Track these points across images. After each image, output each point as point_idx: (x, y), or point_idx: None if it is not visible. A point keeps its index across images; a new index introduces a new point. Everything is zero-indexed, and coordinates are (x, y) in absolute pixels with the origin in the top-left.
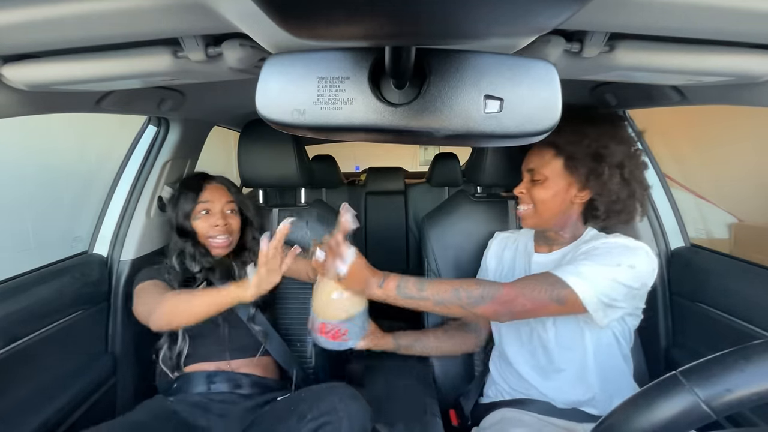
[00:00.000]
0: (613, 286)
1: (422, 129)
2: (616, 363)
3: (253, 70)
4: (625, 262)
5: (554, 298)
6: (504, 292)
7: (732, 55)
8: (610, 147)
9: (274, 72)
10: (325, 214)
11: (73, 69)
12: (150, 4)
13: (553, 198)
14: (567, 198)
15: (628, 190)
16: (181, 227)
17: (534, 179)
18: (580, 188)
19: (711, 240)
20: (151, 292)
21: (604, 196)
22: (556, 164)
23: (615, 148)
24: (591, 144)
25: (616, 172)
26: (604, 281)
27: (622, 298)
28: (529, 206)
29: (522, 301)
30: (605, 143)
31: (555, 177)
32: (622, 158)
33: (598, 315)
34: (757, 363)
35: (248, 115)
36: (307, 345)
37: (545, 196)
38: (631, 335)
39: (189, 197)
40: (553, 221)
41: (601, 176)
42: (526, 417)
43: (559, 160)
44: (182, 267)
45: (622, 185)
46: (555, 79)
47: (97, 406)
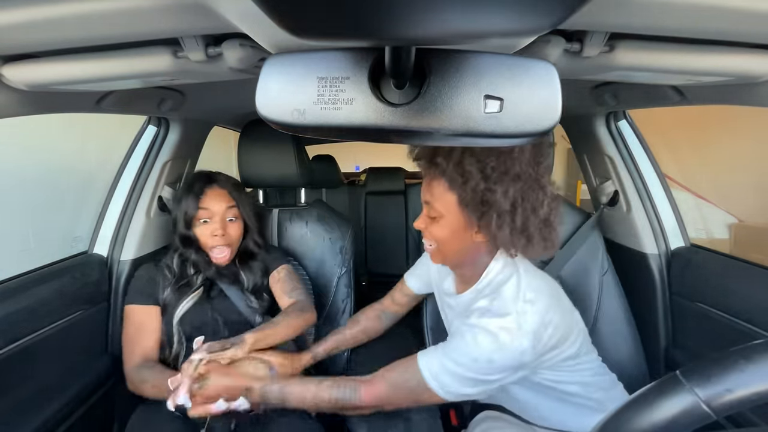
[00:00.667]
0: (474, 382)
1: (422, 129)
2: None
3: (253, 70)
4: (483, 357)
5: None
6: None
7: (732, 55)
8: (497, 192)
9: (274, 72)
10: (325, 214)
11: (73, 69)
12: (150, 4)
13: (452, 237)
14: (467, 236)
15: (524, 236)
16: (184, 235)
17: (430, 215)
18: (476, 230)
19: (711, 240)
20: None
21: (497, 244)
22: (449, 200)
23: (503, 192)
24: (477, 185)
25: (506, 219)
26: (464, 380)
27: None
28: (433, 244)
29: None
30: (491, 186)
31: (451, 214)
32: (513, 202)
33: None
34: (757, 363)
35: (248, 115)
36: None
37: (443, 235)
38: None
39: (190, 203)
40: (460, 260)
41: (490, 225)
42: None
43: (453, 194)
44: (181, 269)
45: (515, 233)
46: (555, 79)
47: (96, 406)
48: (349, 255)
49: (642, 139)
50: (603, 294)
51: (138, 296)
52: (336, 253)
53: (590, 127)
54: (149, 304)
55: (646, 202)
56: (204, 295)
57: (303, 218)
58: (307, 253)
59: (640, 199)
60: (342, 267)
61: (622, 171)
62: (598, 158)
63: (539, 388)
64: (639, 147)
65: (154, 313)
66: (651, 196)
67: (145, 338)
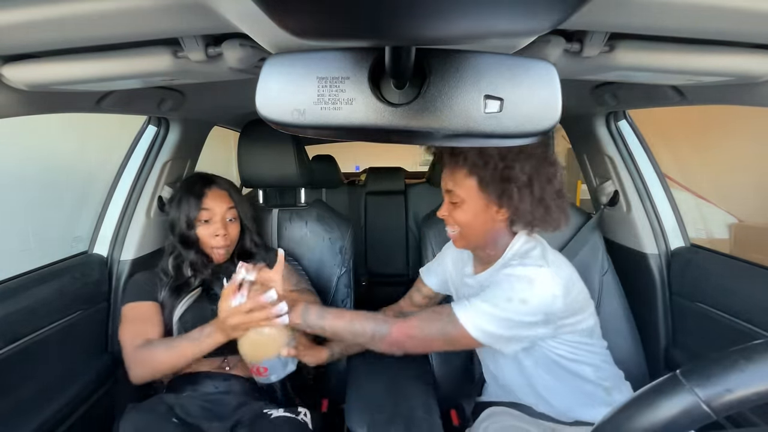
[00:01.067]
0: (507, 324)
1: (422, 129)
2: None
3: (253, 70)
4: (517, 296)
5: (444, 338)
6: (394, 333)
7: (732, 55)
8: (515, 168)
9: (274, 72)
10: (325, 214)
11: (73, 69)
12: (150, 4)
13: (474, 219)
14: (488, 217)
15: (542, 206)
16: (184, 236)
17: (452, 201)
18: (496, 208)
19: (711, 240)
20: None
21: (519, 216)
22: (470, 184)
23: (520, 168)
24: (497, 165)
25: (525, 191)
26: (496, 321)
27: (521, 331)
28: (455, 229)
29: (412, 343)
30: (510, 164)
31: (472, 198)
32: (529, 176)
33: (499, 346)
34: (758, 363)
35: (248, 115)
36: None
37: (466, 218)
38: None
39: (191, 204)
40: (482, 241)
41: (512, 197)
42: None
43: (473, 180)
44: (177, 272)
45: (534, 204)
46: (555, 79)
47: (97, 406)
48: (349, 255)
49: (642, 139)
50: (603, 294)
51: (135, 296)
52: (336, 253)
53: (590, 127)
54: (147, 300)
55: (646, 202)
56: (203, 294)
57: (303, 218)
58: (307, 253)
59: (640, 199)
60: (342, 267)
61: (622, 171)
62: (598, 158)
63: (556, 367)
64: (639, 147)
65: (153, 307)
66: (651, 196)
67: (148, 326)
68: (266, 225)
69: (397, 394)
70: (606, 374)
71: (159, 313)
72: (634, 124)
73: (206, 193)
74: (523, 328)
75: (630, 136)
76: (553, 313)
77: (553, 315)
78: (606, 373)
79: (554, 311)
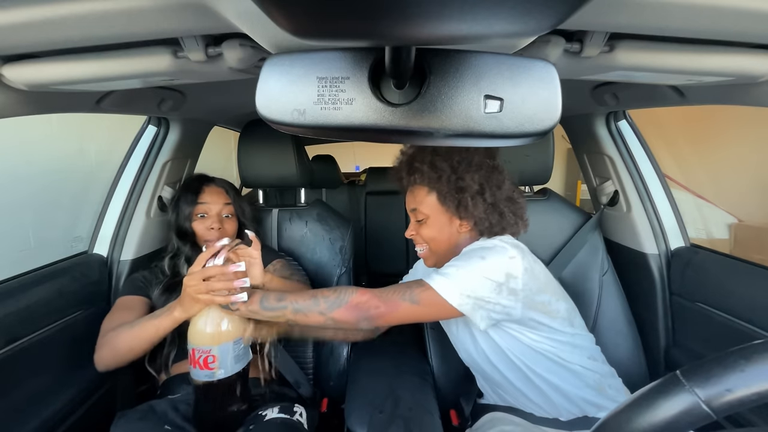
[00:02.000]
0: (471, 282)
1: (422, 129)
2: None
3: (253, 70)
4: (476, 255)
5: (408, 298)
6: (357, 294)
7: (732, 55)
8: (465, 178)
9: (274, 72)
10: (325, 214)
11: (73, 69)
12: (150, 4)
13: (440, 234)
14: (453, 230)
15: (496, 212)
16: (181, 229)
17: (418, 219)
18: (459, 221)
19: (711, 240)
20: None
21: (478, 224)
22: (431, 200)
23: (471, 178)
24: (450, 178)
25: (478, 199)
26: (460, 279)
27: (486, 293)
28: (424, 247)
29: (375, 303)
30: (461, 175)
31: (435, 213)
32: (480, 184)
33: (469, 313)
34: (758, 363)
35: (248, 115)
36: (307, 348)
37: (432, 233)
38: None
39: (188, 199)
40: (450, 255)
41: (467, 207)
42: (517, 419)
43: (433, 195)
44: (173, 270)
45: (489, 210)
46: (555, 79)
47: (96, 406)
48: (349, 255)
49: (642, 139)
50: (603, 294)
51: (127, 290)
52: (335, 253)
53: (590, 127)
54: (138, 295)
55: (646, 202)
56: None
57: (303, 218)
58: (307, 253)
59: (640, 199)
60: (341, 267)
61: (622, 171)
62: (598, 158)
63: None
64: (639, 147)
65: (140, 301)
66: (651, 196)
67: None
68: (266, 225)
69: (397, 394)
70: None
71: (145, 307)
72: (634, 124)
73: (203, 189)
74: (489, 290)
75: (630, 136)
76: (514, 277)
77: (515, 280)
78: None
79: (515, 274)
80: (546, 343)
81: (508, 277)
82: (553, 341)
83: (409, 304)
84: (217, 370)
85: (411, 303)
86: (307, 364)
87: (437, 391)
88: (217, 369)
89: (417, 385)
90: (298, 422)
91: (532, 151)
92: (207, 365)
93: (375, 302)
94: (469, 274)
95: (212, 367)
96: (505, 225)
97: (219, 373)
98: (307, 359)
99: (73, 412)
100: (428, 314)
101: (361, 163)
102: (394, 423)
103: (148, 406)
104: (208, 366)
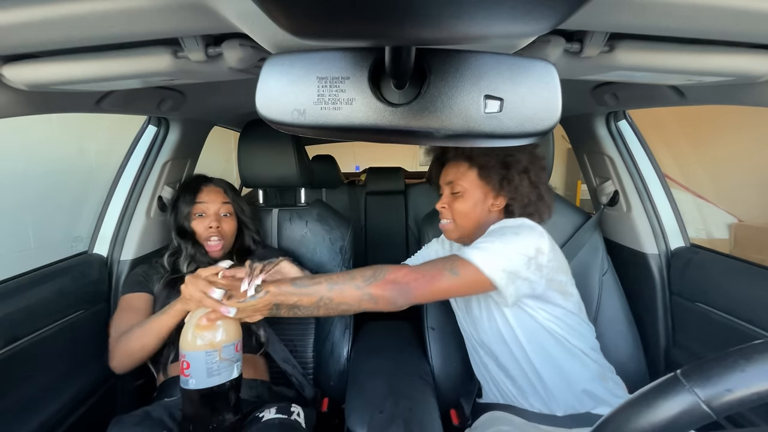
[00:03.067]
0: (510, 253)
1: (422, 129)
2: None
3: (253, 70)
4: (510, 231)
5: (449, 269)
6: (394, 269)
7: (732, 55)
8: (515, 155)
9: (274, 72)
10: (326, 214)
11: (73, 69)
12: (150, 4)
13: (473, 209)
14: (485, 207)
15: (536, 192)
16: (181, 228)
17: (454, 192)
18: (495, 195)
19: (711, 240)
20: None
21: (517, 200)
22: (471, 175)
23: (520, 155)
24: (499, 153)
25: (524, 176)
26: (501, 250)
27: (518, 266)
28: (449, 220)
29: (413, 276)
30: (511, 151)
31: (472, 188)
32: (527, 164)
33: (503, 287)
34: (758, 363)
35: (248, 115)
36: (307, 348)
37: (466, 207)
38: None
39: (187, 199)
40: (474, 232)
41: (512, 182)
42: (516, 419)
43: (474, 170)
44: (173, 267)
45: (531, 188)
46: (555, 79)
47: (97, 406)
48: (349, 255)
49: (642, 139)
50: (603, 294)
51: (130, 287)
52: (336, 253)
53: (590, 127)
54: (141, 291)
55: (646, 202)
56: None
57: (303, 218)
58: (307, 253)
59: (640, 199)
60: (342, 267)
61: (622, 171)
62: (598, 158)
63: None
64: (639, 147)
65: (144, 297)
66: (651, 196)
67: (134, 317)
68: (266, 225)
69: (397, 394)
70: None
71: (149, 302)
72: (634, 124)
73: (202, 189)
74: (520, 263)
75: (630, 136)
76: (542, 252)
77: (542, 255)
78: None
79: (543, 249)
80: (556, 323)
81: (538, 252)
82: (562, 323)
83: (449, 275)
84: (190, 378)
85: (451, 275)
86: (308, 364)
87: (437, 391)
88: (189, 377)
89: (417, 385)
90: (296, 422)
91: None
92: (182, 371)
93: (413, 275)
94: (505, 248)
95: (186, 374)
96: (541, 207)
97: (191, 382)
98: (307, 359)
99: (73, 412)
100: (464, 288)
101: (361, 163)
102: (394, 423)
103: (144, 411)
104: (183, 372)
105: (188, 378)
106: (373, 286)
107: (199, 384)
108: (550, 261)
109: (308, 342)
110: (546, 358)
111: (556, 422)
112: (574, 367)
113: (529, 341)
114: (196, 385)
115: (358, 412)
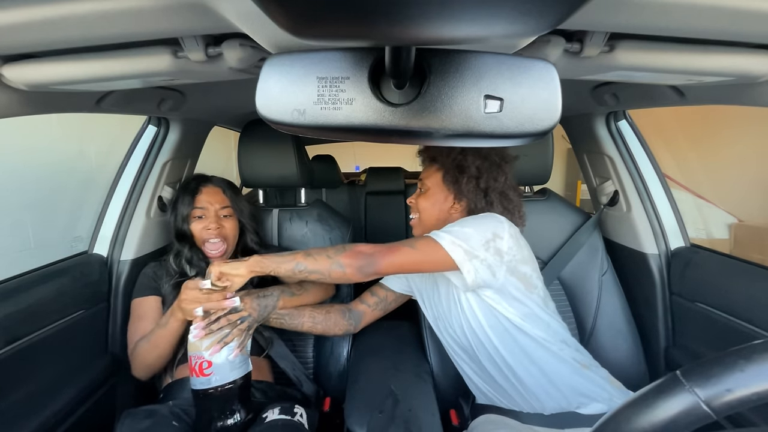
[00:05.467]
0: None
1: (422, 129)
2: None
3: (253, 70)
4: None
5: (408, 244)
6: (362, 244)
7: (732, 55)
8: (468, 159)
9: (274, 72)
10: (326, 214)
11: (73, 69)
12: (150, 4)
13: (432, 206)
14: (445, 208)
15: (485, 199)
16: (180, 231)
17: (421, 189)
18: (454, 199)
19: (711, 240)
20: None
21: (462, 202)
22: (437, 176)
23: (472, 160)
24: (456, 156)
25: (472, 180)
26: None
27: (477, 247)
28: (416, 215)
29: (378, 249)
30: (465, 156)
31: (435, 188)
32: (478, 169)
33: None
34: (758, 363)
35: (248, 115)
36: (308, 348)
37: (427, 204)
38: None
39: (186, 201)
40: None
41: (459, 184)
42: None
43: (439, 173)
44: (179, 268)
45: (479, 194)
46: (555, 79)
47: (97, 406)
48: None
49: (642, 139)
50: (603, 294)
51: (141, 290)
52: None
53: (590, 127)
54: (151, 295)
55: (646, 202)
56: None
57: (303, 218)
58: None
59: (640, 199)
60: None
61: (622, 171)
62: (598, 158)
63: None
64: (639, 147)
65: (154, 302)
66: (651, 196)
67: (147, 323)
68: (266, 225)
69: (397, 394)
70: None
71: (159, 307)
72: (634, 124)
73: (200, 190)
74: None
75: (630, 136)
76: (500, 237)
77: (500, 240)
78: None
79: (500, 234)
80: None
81: (495, 236)
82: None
83: (409, 249)
84: (212, 376)
85: (411, 248)
86: (308, 364)
87: (437, 391)
88: (212, 376)
89: (417, 385)
90: (299, 423)
91: (531, 151)
92: (202, 372)
93: (378, 248)
94: (463, 229)
95: (207, 374)
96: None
97: (213, 379)
98: (307, 359)
99: (74, 412)
100: (424, 261)
101: (361, 163)
102: (394, 423)
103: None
104: (203, 372)
105: (209, 376)
106: (342, 255)
107: (223, 379)
108: (511, 249)
109: (308, 342)
110: (521, 356)
111: (546, 422)
112: (550, 362)
113: (501, 341)
114: (219, 381)
115: (357, 412)
